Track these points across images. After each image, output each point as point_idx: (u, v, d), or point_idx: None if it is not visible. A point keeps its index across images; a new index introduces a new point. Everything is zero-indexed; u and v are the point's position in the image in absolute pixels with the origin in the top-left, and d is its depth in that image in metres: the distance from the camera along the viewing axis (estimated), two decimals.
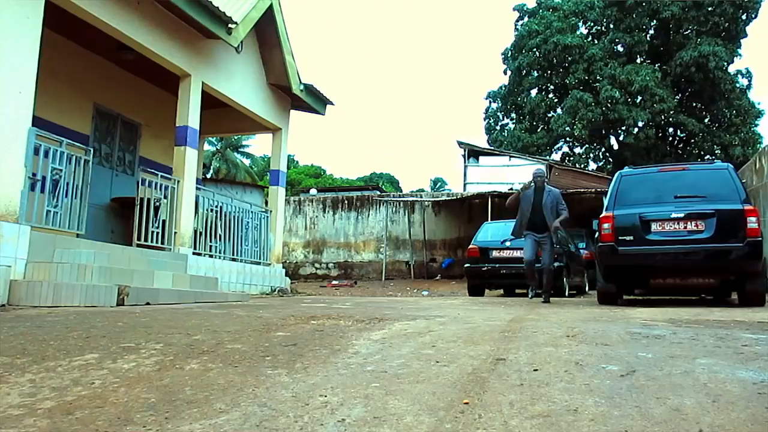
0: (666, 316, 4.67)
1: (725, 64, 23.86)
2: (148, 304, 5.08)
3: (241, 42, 8.38)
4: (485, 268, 10.04)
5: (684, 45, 24.13)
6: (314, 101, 10.53)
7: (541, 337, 3.19)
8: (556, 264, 10.00)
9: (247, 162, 42.59)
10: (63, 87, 7.75)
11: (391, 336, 3.19)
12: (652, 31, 26.12)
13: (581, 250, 12.72)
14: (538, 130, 27.39)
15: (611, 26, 26.34)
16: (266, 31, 9.38)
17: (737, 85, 25.23)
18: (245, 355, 2.59)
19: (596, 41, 26.58)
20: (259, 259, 9.64)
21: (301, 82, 10.01)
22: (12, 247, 5.03)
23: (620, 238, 6.53)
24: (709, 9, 23.69)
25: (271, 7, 9.01)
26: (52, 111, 7.30)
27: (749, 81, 25.70)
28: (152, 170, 7.41)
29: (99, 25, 6.38)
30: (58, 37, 7.34)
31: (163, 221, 7.33)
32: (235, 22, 7.73)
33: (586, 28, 27.77)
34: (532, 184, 7.49)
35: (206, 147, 20.77)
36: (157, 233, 7.15)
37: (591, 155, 28.53)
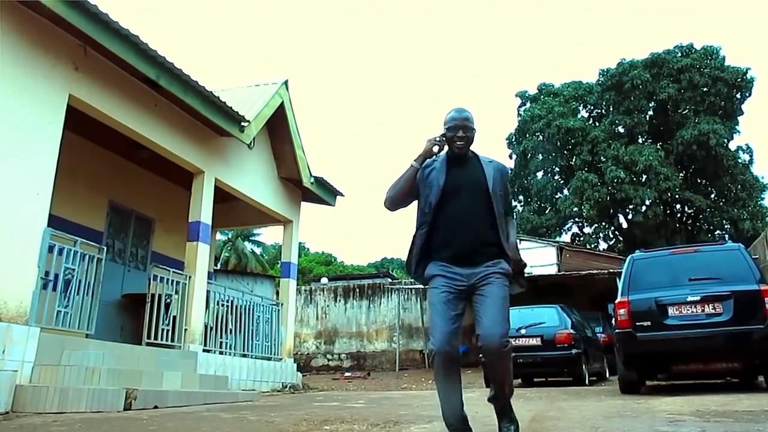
0: (692, 406, 4.47)
1: (725, 140, 24.25)
2: (155, 407, 4.94)
3: (254, 138, 8.64)
4: None
5: (683, 124, 24.66)
6: (324, 193, 10.69)
7: None
8: (573, 351, 9.62)
9: (258, 250, 42.77)
10: (79, 185, 7.90)
11: None
12: (651, 112, 26.78)
13: (598, 334, 12.41)
14: (546, 211, 27.61)
15: (611, 109, 27.07)
16: (278, 127, 9.67)
17: (739, 160, 25.52)
18: None
19: (597, 123, 27.24)
20: (270, 353, 9.45)
21: (311, 175, 10.20)
22: (20, 350, 4.96)
23: (637, 323, 6.38)
24: (704, 90, 24.40)
25: (282, 104, 9.37)
26: (67, 209, 7.39)
27: (750, 156, 26.05)
28: (164, 266, 7.43)
29: (117, 126, 6.58)
30: (76, 137, 7.51)
31: (174, 317, 7.25)
32: (248, 121, 7.95)
33: (586, 112, 28.55)
34: (442, 142, 2.99)
35: (218, 236, 20.97)
36: (167, 330, 7.05)
37: (601, 234, 28.50)
